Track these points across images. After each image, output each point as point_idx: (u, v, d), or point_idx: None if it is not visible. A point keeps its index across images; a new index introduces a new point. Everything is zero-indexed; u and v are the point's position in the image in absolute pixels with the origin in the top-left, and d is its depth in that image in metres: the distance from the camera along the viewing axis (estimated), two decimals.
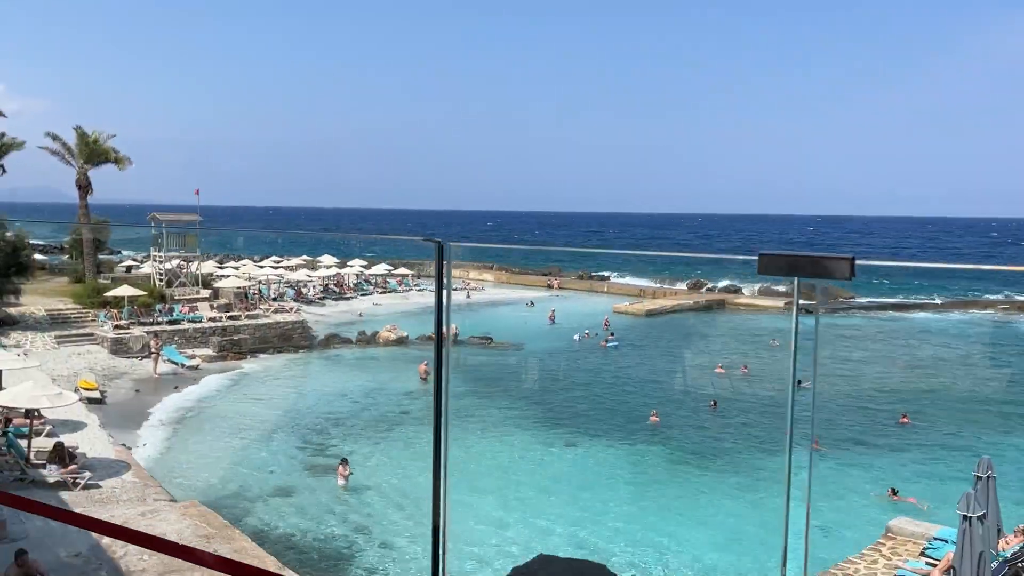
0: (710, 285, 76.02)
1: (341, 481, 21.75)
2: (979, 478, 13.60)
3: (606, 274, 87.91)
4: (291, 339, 42.56)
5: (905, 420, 30.01)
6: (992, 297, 70.93)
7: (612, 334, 46.62)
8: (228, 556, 11.20)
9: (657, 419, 28.93)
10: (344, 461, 22.33)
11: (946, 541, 15.49)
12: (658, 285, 76.52)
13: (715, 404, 31.60)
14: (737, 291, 71.69)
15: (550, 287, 75.10)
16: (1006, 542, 15.11)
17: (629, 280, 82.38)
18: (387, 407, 31.26)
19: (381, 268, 72.00)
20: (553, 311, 53.45)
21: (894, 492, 22.05)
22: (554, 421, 29.46)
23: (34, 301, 42.39)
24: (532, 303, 61.73)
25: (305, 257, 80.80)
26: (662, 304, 62.17)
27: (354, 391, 33.57)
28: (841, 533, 19.50)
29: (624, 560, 17.70)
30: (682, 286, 76.40)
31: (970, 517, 12.25)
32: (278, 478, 22.42)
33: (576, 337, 46.69)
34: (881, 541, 17.09)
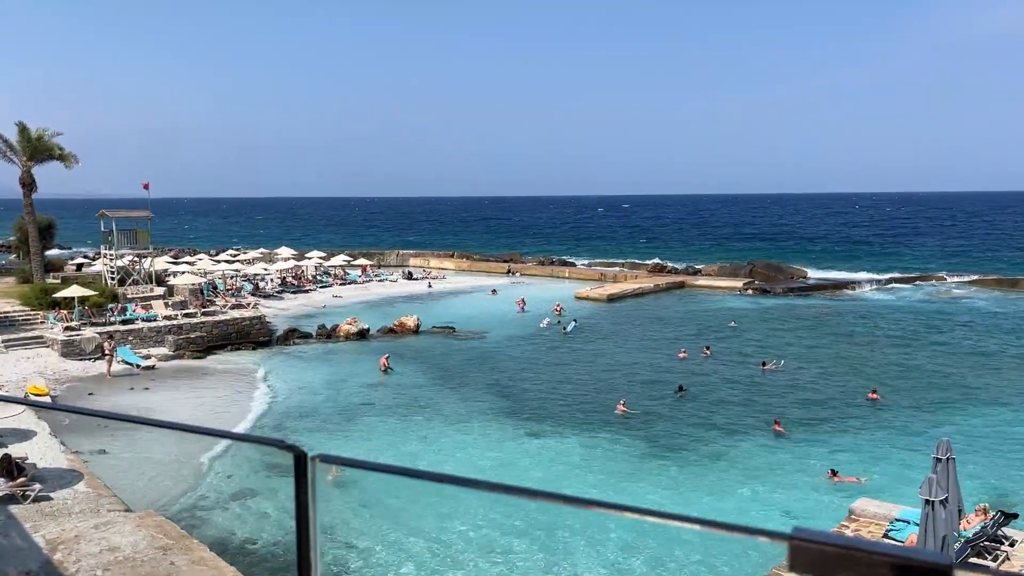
0: (671, 267, 76.53)
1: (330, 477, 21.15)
2: (939, 460, 13.71)
3: (569, 259, 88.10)
4: (249, 335, 41.79)
5: (874, 396, 30.38)
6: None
7: (575, 320, 46.59)
8: (186, 568, 10.76)
9: (624, 408, 28.89)
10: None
11: (908, 522, 15.64)
12: (619, 269, 76.78)
13: (681, 389, 31.70)
14: (696, 272, 72.22)
15: (510, 273, 74.90)
16: (967, 522, 15.30)
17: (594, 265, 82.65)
18: (349, 400, 30.84)
19: (340, 259, 71.16)
20: (523, 299, 53.21)
21: (834, 473, 22.11)
22: (517, 411, 29.30)
23: None
24: (495, 291, 61.47)
25: (262, 250, 79.61)
26: (623, 288, 62.34)
27: (315, 384, 33.07)
28: (804, 516, 19.67)
29: (589, 558, 17.60)
30: (643, 271, 76.81)
31: (932, 501, 12.33)
32: (237, 481, 21.92)
33: (544, 323, 46.57)
34: (844, 523, 17.23)
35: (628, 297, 59.59)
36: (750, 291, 61.91)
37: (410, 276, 70.42)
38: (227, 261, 67.67)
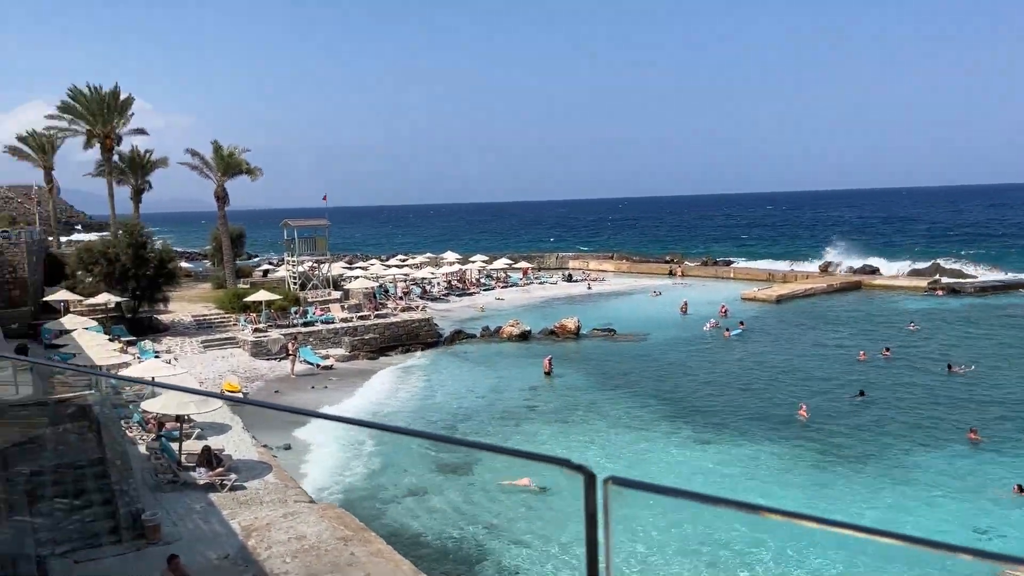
0: (844, 266, 72.35)
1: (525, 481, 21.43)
2: None
3: (731, 259, 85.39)
4: (418, 336, 43.47)
5: None
6: None
7: (742, 323, 45.04)
8: (365, 559, 11.29)
9: (805, 413, 27.65)
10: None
11: None
12: (788, 268, 73.47)
13: (863, 393, 29.91)
14: (874, 271, 67.87)
15: (672, 275, 73.53)
16: None
17: (756, 264, 79.70)
18: (513, 402, 31.34)
19: (502, 263, 72.58)
20: (686, 302, 52.05)
21: (1020, 489, 20.21)
22: (685, 415, 28.66)
23: (182, 308, 45.17)
24: (658, 292, 60.55)
25: (429, 254, 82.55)
26: (793, 288, 59.62)
27: (480, 387, 33.87)
28: (1005, 534, 17.99)
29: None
30: (813, 268, 73.12)
31: None
32: (410, 478, 22.79)
33: (707, 326, 45.36)
34: None
35: (798, 298, 56.93)
36: (938, 291, 57.35)
37: (570, 278, 70.70)
38: (396, 266, 70.74)
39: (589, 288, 64.83)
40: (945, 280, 60.56)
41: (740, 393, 31.66)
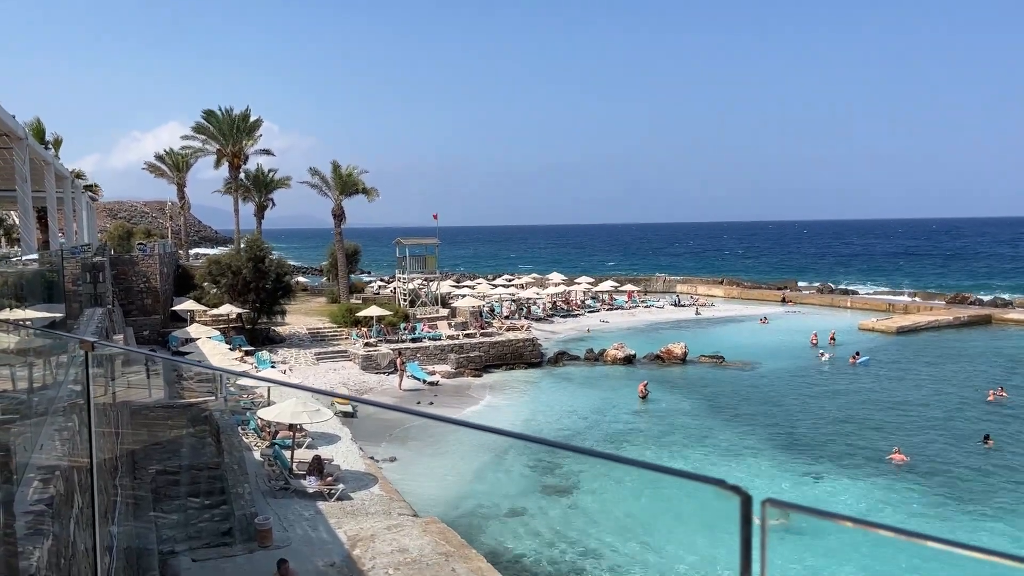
0: (973, 298, 68.29)
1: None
2: None
3: (851, 287, 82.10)
4: (522, 356, 43.71)
5: None
6: None
7: (857, 353, 43.14)
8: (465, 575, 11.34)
9: (902, 456, 25.94)
10: None
11: None
12: (910, 300, 69.92)
13: (987, 438, 27.94)
14: (1006, 305, 63.75)
15: (784, 301, 71.26)
16: None
17: (877, 294, 76.33)
18: (615, 425, 31.05)
19: (608, 285, 72.19)
20: (815, 334, 49.53)
21: None
22: (789, 447, 27.63)
23: (298, 320, 47.04)
24: (766, 319, 58.83)
25: (535, 275, 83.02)
26: (915, 320, 56.67)
27: (582, 408, 33.71)
28: None
29: None
30: (939, 301, 69.32)
31: None
32: (511, 498, 22.88)
33: (824, 356, 43.71)
34: None
35: (921, 330, 54.05)
36: None
37: (678, 303, 69.60)
38: (503, 285, 71.45)
39: (697, 313, 63.60)
40: None
41: (849, 427, 30.26)
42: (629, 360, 43.49)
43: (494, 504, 22.38)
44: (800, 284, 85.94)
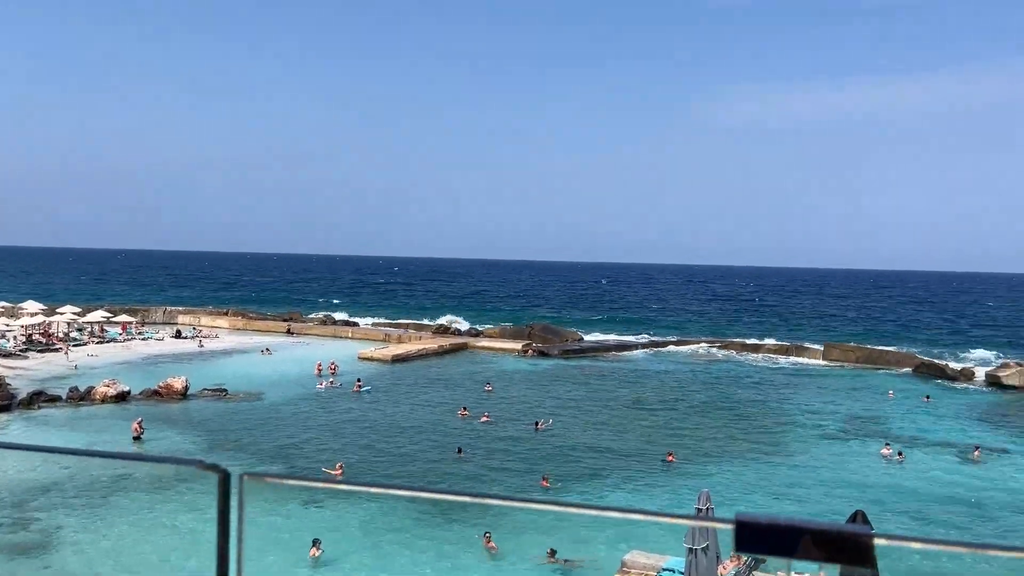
0: (454, 328, 77.88)
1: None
2: (700, 510, 14.84)
3: (352, 319, 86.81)
4: None
5: (671, 458, 31.54)
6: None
7: (359, 380, 45.83)
8: None
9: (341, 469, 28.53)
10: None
11: (673, 571, 16.70)
12: (403, 331, 76.68)
13: (460, 451, 31.98)
14: (478, 335, 73.99)
15: (290, 332, 72.46)
16: (723, 568, 16.60)
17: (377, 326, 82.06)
18: (105, 470, 27.97)
19: (98, 315, 65.21)
20: (334, 364, 50.86)
21: (552, 554, 20.28)
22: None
23: None
24: (268, 349, 59.06)
25: (4, 304, 71.35)
26: (408, 349, 62.31)
27: (61, 456, 29.67)
28: None
29: None
30: (427, 332, 77.34)
31: (695, 549, 13.29)
32: None
33: (327, 384, 45.54)
34: (618, 575, 18.06)
35: (413, 358, 59.58)
36: (529, 352, 64.15)
37: (179, 335, 65.95)
38: None
39: (201, 346, 60.95)
40: (535, 345, 68.07)
41: (361, 448, 32.01)
42: (123, 397, 39.74)
43: None
44: (309, 316, 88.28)
